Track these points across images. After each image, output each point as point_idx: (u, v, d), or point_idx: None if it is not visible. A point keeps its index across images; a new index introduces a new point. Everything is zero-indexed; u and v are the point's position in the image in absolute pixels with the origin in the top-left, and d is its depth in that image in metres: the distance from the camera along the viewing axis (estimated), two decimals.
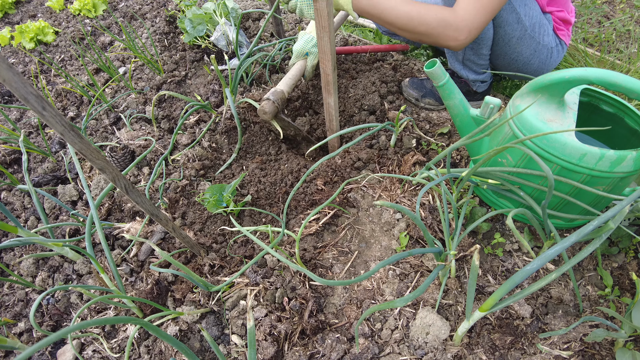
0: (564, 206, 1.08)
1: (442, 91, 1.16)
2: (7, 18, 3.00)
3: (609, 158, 0.91)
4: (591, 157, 0.92)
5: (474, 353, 0.98)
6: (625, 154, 0.91)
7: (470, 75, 1.53)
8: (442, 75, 1.13)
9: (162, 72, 2.01)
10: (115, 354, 1.15)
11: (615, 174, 0.93)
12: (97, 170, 0.81)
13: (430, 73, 1.13)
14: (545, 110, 0.99)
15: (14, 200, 1.67)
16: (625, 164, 0.92)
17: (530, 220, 1.01)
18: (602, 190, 0.98)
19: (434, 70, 1.12)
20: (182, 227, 1.37)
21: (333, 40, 1.16)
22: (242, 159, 1.61)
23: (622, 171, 0.93)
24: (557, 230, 1.22)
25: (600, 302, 1.05)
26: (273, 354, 1.01)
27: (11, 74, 0.57)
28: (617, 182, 0.97)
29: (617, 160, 0.92)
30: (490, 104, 1.12)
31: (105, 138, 1.80)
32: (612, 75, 0.85)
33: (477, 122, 1.19)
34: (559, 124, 0.97)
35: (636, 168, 0.93)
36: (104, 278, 1.12)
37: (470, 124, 1.20)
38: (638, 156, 0.92)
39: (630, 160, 0.92)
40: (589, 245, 0.72)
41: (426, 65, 1.13)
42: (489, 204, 1.28)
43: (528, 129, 1.00)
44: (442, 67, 1.12)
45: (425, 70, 1.13)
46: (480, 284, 1.10)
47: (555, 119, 0.98)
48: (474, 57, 1.45)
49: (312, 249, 1.22)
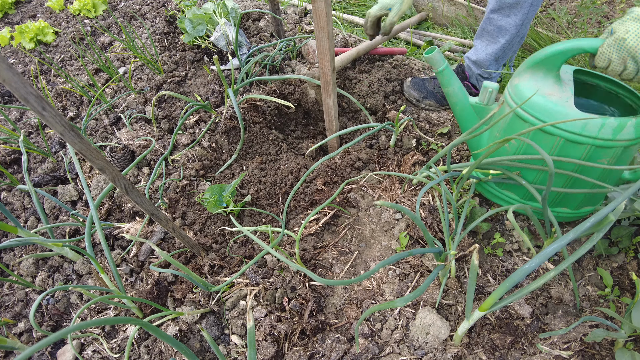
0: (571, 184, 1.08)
1: (441, 77, 1.18)
2: (7, 18, 3.00)
3: (610, 125, 0.94)
4: (593, 125, 0.94)
5: (474, 353, 0.98)
6: (626, 121, 0.94)
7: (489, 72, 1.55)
8: (441, 61, 1.15)
9: (162, 72, 2.01)
10: (115, 354, 1.15)
11: (618, 143, 0.95)
12: (97, 170, 0.81)
13: (429, 59, 1.15)
14: (543, 86, 1.02)
15: (14, 200, 1.67)
16: (627, 131, 0.94)
17: (531, 218, 1.01)
18: (607, 162, 0.99)
19: (433, 56, 1.14)
20: (182, 227, 1.37)
21: (332, 41, 1.16)
22: (242, 159, 1.61)
23: (624, 139, 0.94)
24: (562, 224, 1.22)
25: (600, 302, 1.05)
26: (273, 354, 1.01)
27: (11, 74, 0.57)
28: (621, 154, 0.98)
29: (618, 127, 0.94)
30: (489, 88, 1.13)
31: (105, 138, 1.80)
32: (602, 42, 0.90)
33: (476, 110, 1.20)
34: (558, 97, 1.00)
35: (637, 135, 0.95)
36: (104, 278, 1.12)
37: (469, 112, 1.21)
38: (638, 123, 0.94)
39: (631, 127, 0.94)
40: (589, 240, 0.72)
41: (425, 52, 1.15)
42: (491, 199, 1.27)
43: (529, 105, 1.02)
44: (440, 53, 1.14)
45: (424, 56, 1.15)
46: (480, 284, 1.10)
47: (554, 92, 1.01)
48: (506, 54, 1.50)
49: (312, 249, 1.22)
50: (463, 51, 2.11)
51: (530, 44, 1.97)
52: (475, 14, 2.18)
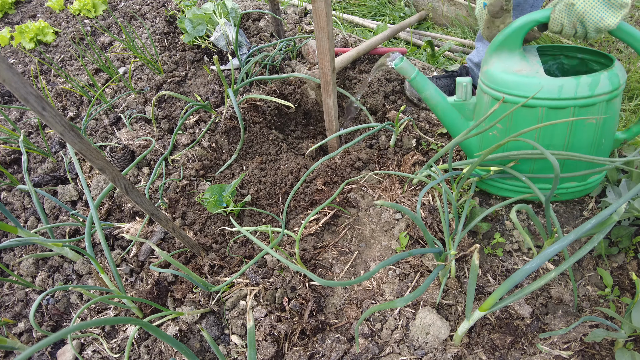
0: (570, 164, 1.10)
1: (415, 84, 1.21)
2: (7, 18, 3.00)
3: (585, 83, 0.97)
4: (569, 86, 0.98)
5: (474, 353, 0.98)
6: (598, 75, 0.97)
7: None
8: (410, 69, 1.19)
9: (162, 72, 2.01)
10: (115, 354, 1.15)
11: (598, 98, 0.98)
12: (97, 170, 0.81)
13: (399, 69, 1.19)
14: (510, 64, 1.06)
15: (13, 200, 1.67)
16: (602, 84, 0.97)
17: (532, 218, 1.02)
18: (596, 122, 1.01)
19: (402, 66, 1.19)
20: (182, 227, 1.37)
21: (332, 41, 1.16)
22: (242, 159, 1.61)
23: (602, 92, 0.97)
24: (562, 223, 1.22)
25: (600, 302, 1.05)
26: (273, 354, 1.01)
27: (11, 74, 0.57)
28: (606, 109, 1.00)
29: (593, 82, 0.97)
30: (462, 82, 1.16)
31: (105, 138, 1.80)
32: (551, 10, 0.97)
33: (457, 108, 1.22)
34: (527, 71, 1.03)
35: (613, 87, 0.98)
36: (104, 278, 1.12)
37: (450, 111, 1.22)
38: (610, 74, 0.98)
39: (605, 80, 0.97)
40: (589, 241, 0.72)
41: (395, 64, 1.19)
42: (495, 193, 1.27)
43: (502, 85, 1.05)
44: (409, 62, 1.19)
45: (395, 68, 1.19)
46: (480, 284, 1.10)
47: (522, 67, 1.04)
48: None
49: (312, 249, 1.22)
50: (463, 51, 2.11)
51: (531, 44, 1.97)
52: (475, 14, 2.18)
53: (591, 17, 0.93)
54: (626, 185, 1.11)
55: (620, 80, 0.99)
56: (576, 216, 1.23)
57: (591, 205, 1.23)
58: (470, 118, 1.22)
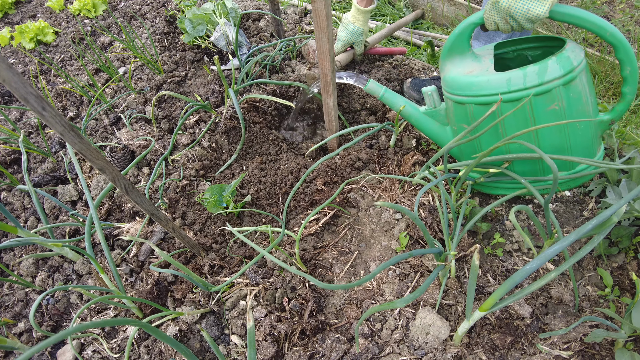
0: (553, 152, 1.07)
1: (385, 101, 1.29)
2: (7, 18, 3.00)
3: (532, 72, 0.96)
4: (516, 78, 0.98)
5: (474, 353, 0.98)
6: (545, 61, 0.96)
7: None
8: (378, 88, 1.28)
9: (162, 72, 2.01)
10: (115, 354, 1.15)
11: (551, 84, 0.96)
12: (97, 170, 0.81)
13: (368, 90, 1.29)
14: (462, 67, 1.08)
15: (13, 200, 1.67)
16: (551, 70, 0.95)
17: (531, 218, 1.02)
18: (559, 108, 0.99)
19: (370, 87, 1.28)
20: (182, 227, 1.37)
21: (332, 41, 1.16)
22: (242, 159, 1.61)
23: (554, 77, 0.95)
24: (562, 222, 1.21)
25: (600, 302, 1.05)
26: (273, 354, 1.01)
27: (11, 74, 0.57)
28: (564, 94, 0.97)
29: (540, 69, 0.95)
30: (427, 92, 1.20)
31: (105, 138, 1.80)
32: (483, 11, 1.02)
33: (430, 115, 1.25)
34: (478, 70, 1.05)
35: (566, 70, 0.95)
36: (104, 278, 1.12)
37: (424, 120, 1.25)
38: (559, 58, 0.95)
39: (555, 64, 0.95)
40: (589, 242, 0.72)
41: (365, 86, 1.29)
42: (492, 193, 1.27)
43: (458, 88, 1.07)
44: (375, 82, 1.29)
45: (364, 89, 1.29)
46: (480, 284, 1.10)
47: (474, 68, 1.06)
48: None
49: (312, 249, 1.22)
50: None
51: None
52: None
53: (518, 10, 0.94)
54: (626, 186, 1.11)
55: (573, 62, 0.96)
56: (576, 216, 1.23)
57: (591, 205, 1.23)
58: (445, 123, 1.24)
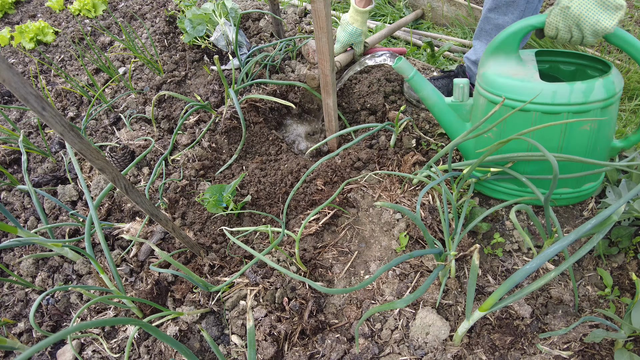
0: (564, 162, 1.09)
1: (412, 84, 1.22)
2: (7, 18, 3.00)
3: (579, 88, 0.96)
4: (562, 91, 0.97)
5: (474, 353, 0.98)
6: (593, 81, 0.96)
7: None
8: (409, 69, 1.20)
9: (162, 72, 2.01)
10: (115, 354, 1.15)
11: (592, 105, 0.97)
12: (97, 170, 0.81)
13: (397, 68, 1.19)
14: (506, 68, 1.06)
15: (13, 200, 1.67)
16: (597, 91, 0.96)
17: (531, 218, 1.02)
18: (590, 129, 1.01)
19: (400, 65, 1.19)
20: (182, 227, 1.37)
21: (331, 41, 1.16)
22: (242, 159, 1.61)
23: (596, 99, 0.97)
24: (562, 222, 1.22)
25: (600, 302, 1.05)
26: (273, 354, 1.01)
27: (11, 74, 0.57)
28: (599, 115, 0.99)
29: (587, 89, 0.96)
30: (459, 84, 1.17)
31: (105, 138, 1.80)
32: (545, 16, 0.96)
33: (454, 108, 1.22)
34: (523, 74, 1.03)
35: (608, 94, 0.97)
36: (104, 278, 1.12)
37: (447, 111, 1.22)
38: (605, 82, 0.97)
39: (600, 87, 0.96)
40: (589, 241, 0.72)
41: (394, 63, 1.20)
42: (491, 195, 1.27)
43: (497, 88, 1.05)
44: (407, 62, 1.19)
45: (393, 67, 1.20)
46: (480, 284, 1.10)
47: (518, 71, 1.05)
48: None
49: (312, 249, 1.22)
50: (463, 51, 2.11)
51: (531, 45, 1.97)
52: (475, 14, 2.18)
53: (587, 20, 0.92)
54: (626, 186, 1.11)
55: (616, 88, 0.98)
56: (576, 216, 1.23)
57: (591, 205, 1.23)
58: (467, 119, 1.22)
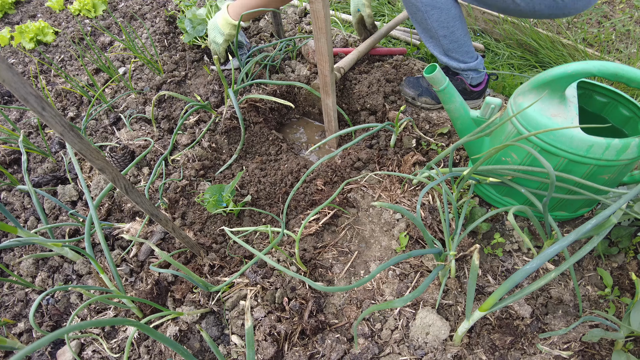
0: (566, 201, 1.10)
1: (442, 95, 1.16)
2: (7, 18, 3.00)
3: (614, 147, 0.94)
4: (598, 147, 0.94)
5: (474, 353, 0.98)
6: (629, 141, 0.94)
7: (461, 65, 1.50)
8: (442, 79, 1.12)
9: (162, 72, 2.01)
10: (115, 354, 1.15)
11: (620, 162, 0.96)
12: (97, 170, 0.81)
13: (430, 78, 1.12)
14: (548, 106, 1.01)
15: (13, 200, 1.67)
16: (630, 151, 0.94)
17: (531, 219, 1.02)
18: (607, 178, 1.00)
19: (434, 75, 1.11)
20: (182, 227, 1.37)
21: (330, 42, 1.16)
22: (242, 159, 1.61)
23: (627, 158, 0.95)
24: (559, 223, 1.23)
25: (600, 302, 1.05)
26: (273, 354, 1.01)
27: (11, 74, 0.57)
28: (622, 169, 0.99)
29: (622, 148, 0.94)
30: (491, 104, 1.13)
31: (105, 138, 1.80)
32: (613, 66, 0.87)
33: (477, 124, 1.19)
34: (562, 118, 0.99)
35: (639, 154, 0.96)
36: (104, 278, 1.12)
37: (471, 126, 1.20)
38: None
39: (635, 147, 0.94)
40: (589, 242, 0.72)
41: (425, 71, 1.12)
42: (490, 203, 1.28)
43: (533, 126, 1.01)
44: (441, 72, 1.12)
45: (425, 75, 1.12)
46: (480, 284, 1.10)
47: (559, 113, 1.00)
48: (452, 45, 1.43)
49: (312, 249, 1.22)
50: None
51: (531, 44, 1.97)
52: (475, 14, 2.18)
53: None
54: (626, 186, 1.12)
55: None
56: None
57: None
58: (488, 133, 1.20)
